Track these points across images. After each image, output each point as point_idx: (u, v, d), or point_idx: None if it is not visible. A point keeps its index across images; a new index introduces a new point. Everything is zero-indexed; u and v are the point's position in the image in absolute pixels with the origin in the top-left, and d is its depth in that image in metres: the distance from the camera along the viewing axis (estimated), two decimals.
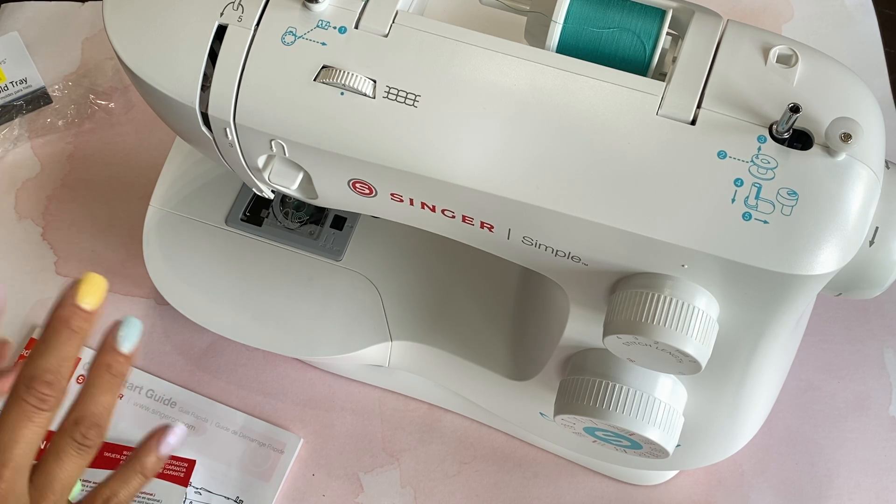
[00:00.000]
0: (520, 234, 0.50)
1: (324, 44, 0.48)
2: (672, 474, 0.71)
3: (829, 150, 0.46)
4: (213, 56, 0.49)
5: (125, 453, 0.70)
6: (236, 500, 0.70)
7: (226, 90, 0.49)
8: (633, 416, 0.54)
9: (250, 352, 0.74)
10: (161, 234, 0.69)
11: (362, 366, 0.71)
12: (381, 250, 0.68)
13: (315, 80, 0.48)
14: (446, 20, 0.49)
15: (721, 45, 0.48)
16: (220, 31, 0.49)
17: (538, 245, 0.50)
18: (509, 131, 0.48)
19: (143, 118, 0.81)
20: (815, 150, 0.46)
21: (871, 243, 0.49)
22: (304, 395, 0.73)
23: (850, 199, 0.46)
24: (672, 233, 0.46)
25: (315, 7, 0.49)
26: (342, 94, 0.48)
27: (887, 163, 0.49)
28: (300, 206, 0.69)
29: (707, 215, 0.46)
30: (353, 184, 0.51)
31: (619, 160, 0.47)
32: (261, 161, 0.53)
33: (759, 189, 0.45)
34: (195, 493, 0.70)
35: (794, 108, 0.45)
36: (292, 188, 0.54)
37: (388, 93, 0.48)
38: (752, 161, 0.46)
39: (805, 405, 0.72)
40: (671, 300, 0.48)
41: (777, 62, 0.48)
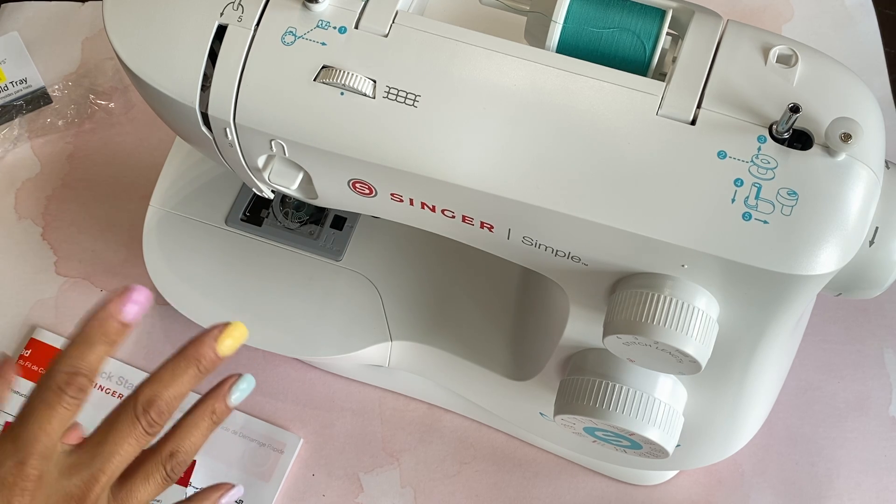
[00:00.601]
0: (520, 234, 0.50)
1: (324, 44, 0.48)
2: (672, 474, 0.71)
3: (829, 150, 0.46)
4: (213, 56, 0.49)
5: None
6: (236, 501, 0.70)
7: (226, 90, 0.49)
8: (633, 416, 0.54)
9: (250, 352, 0.74)
10: (161, 234, 0.69)
11: (362, 366, 0.71)
12: (381, 250, 0.68)
13: (315, 80, 0.48)
14: (446, 20, 0.49)
15: (721, 45, 0.48)
16: (220, 31, 0.49)
17: (538, 245, 0.50)
18: (509, 131, 0.48)
19: (143, 118, 0.81)
20: (815, 150, 0.46)
21: (871, 243, 0.49)
22: (304, 395, 0.73)
23: (850, 199, 0.46)
24: (672, 233, 0.46)
25: (315, 7, 0.49)
26: (342, 94, 0.48)
27: (887, 163, 0.49)
28: (300, 206, 0.69)
29: (707, 215, 0.46)
30: (353, 184, 0.51)
31: (619, 160, 0.47)
32: (261, 161, 0.53)
33: (759, 189, 0.45)
34: (195, 492, 0.69)
35: (794, 108, 0.45)
36: (292, 188, 0.54)
37: (388, 93, 0.48)
38: (752, 161, 0.46)
39: (805, 405, 0.72)
40: (671, 300, 0.48)
41: (777, 62, 0.48)
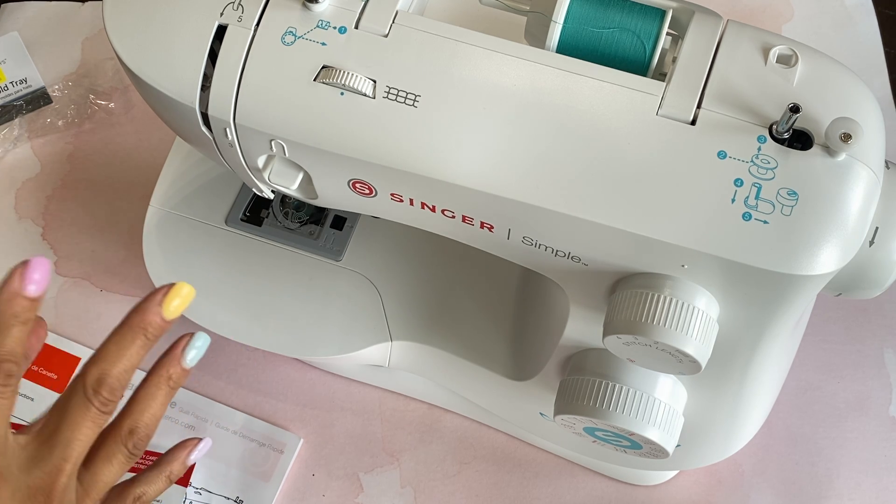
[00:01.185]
0: (520, 234, 0.50)
1: (324, 44, 0.48)
2: (672, 474, 0.71)
3: (829, 150, 0.46)
4: (213, 56, 0.49)
5: None
6: (236, 500, 0.70)
7: (226, 90, 0.49)
8: (633, 416, 0.54)
9: (250, 352, 0.74)
10: (161, 234, 0.69)
11: (362, 366, 0.71)
12: (381, 250, 0.68)
13: (315, 80, 0.48)
14: (446, 20, 0.49)
15: (721, 45, 0.48)
16: (220, 31, 0.49)
17: (538, 245, 0.50)
18: (509, 131, 0.48)
19: (143, 118, 0.81)
20: (815, 150, 0.46)
21: (871, 243, 0.49)
22: (304, 395, 0.73)
23: (850, 199, 0.46)
24: (672, 233, 0.46)
25: (315, 7, 0.49)
26: (342, 94, 0.48)
27: (887, 163, 0.49)
28: (300, 206, 0.69)
29: (707, 215, 0.46)
30: (353, 184, 0.51)
31: (619, 160, 0.47)
32: (261, 161, 0.53)
33: (759, 189, 0.45)
34: (195, 493, 0.70)
35: (794, 108, 0.45)
36: (292, 188, 0.54)
37: (388, 93, 0.48)
38: (752, 161, 0.46)
39: (805, 405, 0.72)
40: (671, 300, 0.48)
41: (777, 62, 0.48)
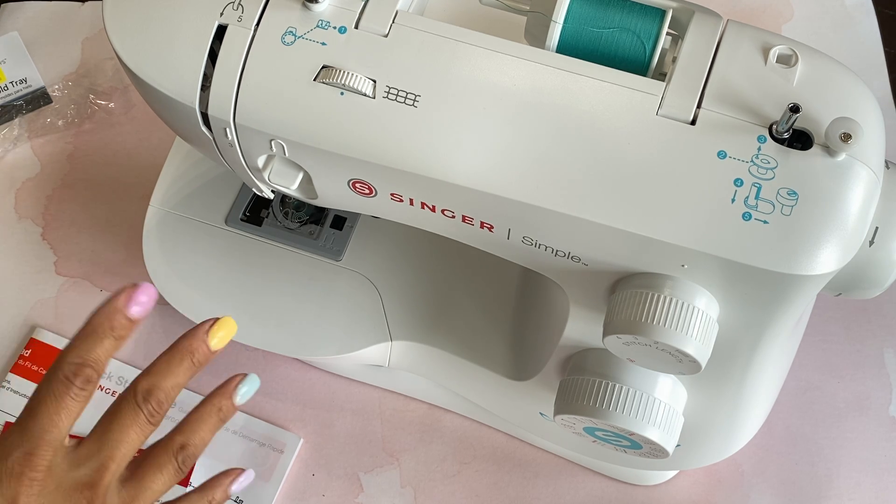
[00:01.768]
0: (520, 234, 0.50)
1: (324, 44, 0.48)
2: (672, 474, 0.71)
3: (829, 150, 0.46)
4: (213, 56, 0.49)
5: None
6: (236, 500, 0.70)
7: (226, 90, 0.49)
8: (633, 416, 0.54)
9: (250, 352, 0.74)
10: (161, 234, 0.69)
11: (362, 366, 0.71)
12: (381, 250, 0.68)
13: (315, 80, 0.48)
14: (446, 20, 0.49)
15: (721, 45, 0.48)
16: (220, 30, 0.49)
17: (538, 245, 0.50)
18: (509, 131, 0.48)
19: (143, 118, 0.81)
20: (815, 150, 0.46)
21: (871, 243, 0.49)
22: (304, 395, 0.73)
23: (850, 199, 0.46)
24: (672, 233, 0.46)
25: (315, 7, 0.49)
26: (342, 94, 0.48)
27: (887, 163, 0.49)
28: (300, 206, 0.69)
29: (707, 215, 0.46)
30: (353, 184, 0.51)
31: (619, 160, 0.47)
32: (261, 161, 0.53)
33: (759, 189, 0.45)
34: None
35: (794, 108, 0.45)
36: (292, 188, 0.54)
37: (388, 93, 0.48)
38: (752, 161, 0.46)
39: (805, 405, 0.72)
40: (671, 300, 0.48)
41: (777, 62, 0.48)
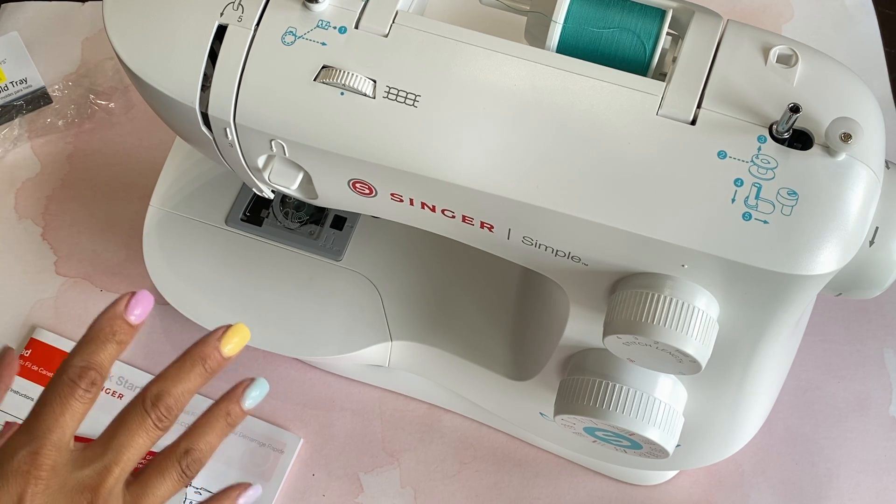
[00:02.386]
0: (520, 234, 0.50)
1: (324, 44, 0.48)
2: (672, 474, 0.71)
3: (829, 150, 0.46)
4: (213, 56, 0.49)
5: None
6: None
7: (226, 90, 0.49)
8: (633, 416, 0.54)
9: (250, 352, 0.74)
10: (161, 234, 0.69)
11: (362, 366, 0.71)
12: (381, 250, 0.68)
13: (315, 80, 0.48)
14: (446, 20, 0.49)
15: (721, 45, 0.48)
16: (220, 31, 0.49)
17: (538, 245, 0.50)
18: (509, 131, 0.48)
19: (143, 118, 0.81)
20: (815, 150, 0.46)
21: (871, 243, 0.49)
22: (304, 395, 0.73)
23: (850, 199, 0.46)
24: (672, 233, 0.46)
25: (315, 7, 0.49)
26: (342, 94, 0.48)
27: (887, 163, 0.49)
28: (300, 206, 0.69)
29: (707, 215, 0.46)
30: (353, 184, 0.51)
31: (620, 160, 0.47)
32: (261, 161, 0.53)
33: (759, 189, 0.45)
34: (195, 493, 0.70)
35: (794, 108, 0.45)
36: (292, 188, 0.54)
37: (388, 93, 0.48)
38: (752, 161, 0.46)
39: (805, 405, 0.72)
40: (671, 300, 0.48)
41: (777, 62, 0.48)
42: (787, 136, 0.46)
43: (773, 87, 0.47)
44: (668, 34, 0.49)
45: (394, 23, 0.49)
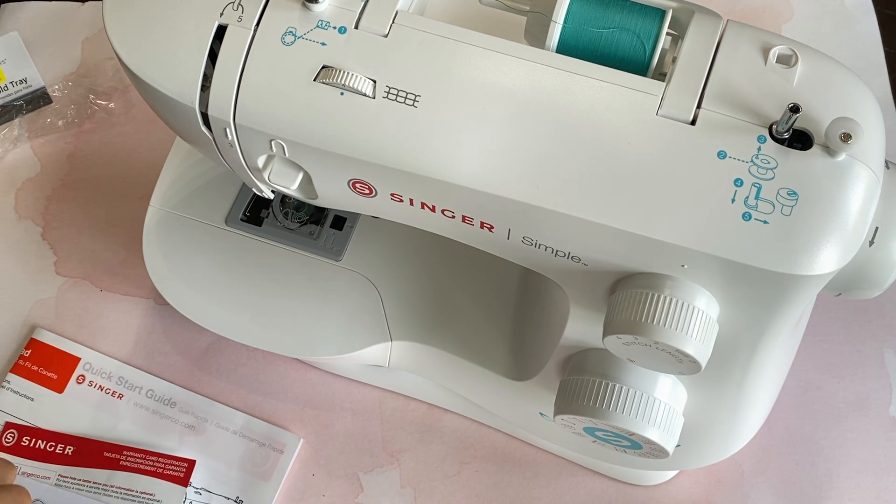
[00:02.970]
0: (520, 234, 0.50)
1: (324, 44, 0.48)
2: (672, 474, 0.71)
3: (829, 150, 0.46)
4: (213, 56, 0.49)
5: (125, 453, 0.70)
6: (236, 500, 0.70)
7: (226, 90, 0.49)
8: (633, 416, 0.54)
9: (250, 352, 0.74)
10: (161, 234, 0.69)
11: (362, 366, 0.71)
12: (381, 250, 0.68)
13: (315, 80, 0.48)
14: (446, 20, 0.49)
15: (721, 46, 0.48)
16: (220, 31, 0.49)
17: (538, 245, 0.50)
18: (509, 131, 0.48)
19: (143, 118, 0.81)
20: (815, 150, 0.46)
21: (871, 243, 0.49)
22: (304, 395, 0.73)
23: (850, 199, 0.46)
24: (672, 233, 0.46)
25: (315, 7, 0.49)
26: (342, 94, 0.48)
27: (887, 163, 0.49)
28: (300, 206, 0.69)
29: (707, 215, 0.46)
30: (353, 184, 0.51)
31: (619, 160, 0.47)
32: (261, 161, 0.53)
33: (759, 189, 0.45)
34: (195, 493, 0.70)
35: (794, 108, 0.45)
36: (292, 188, 0.54)
37: (388, 93, 0.48)
38: (752, 161, 0.46)
39: (805, 405, 0.72)
40: (671, 300, 0.48)
41: (777, 62, 0.48)
42: (787, 136, 0.46)
43: (772, 87, 0.47)
44: (667, 34, 0.49)
45: (394, 23, 0.49)
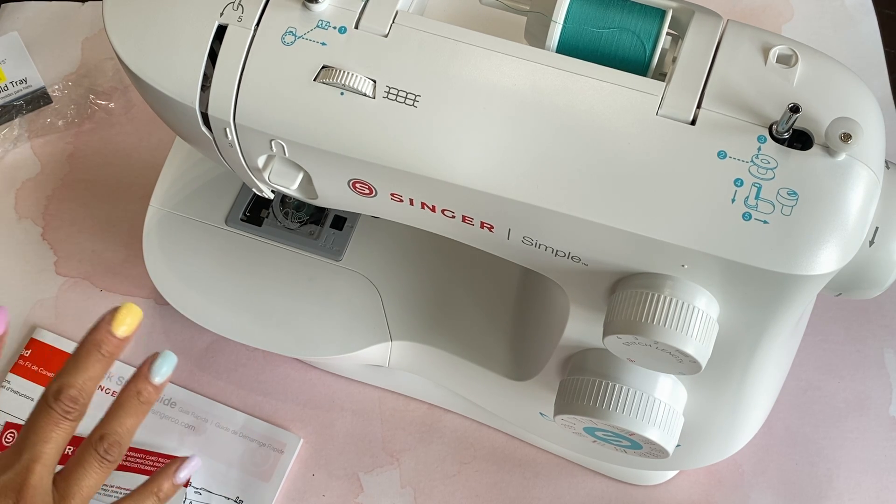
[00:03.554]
0: (520, 234, 0.50)
1: (324, 44, 0.48)
2: (672, 474, 0.71)
3: (829, 150, 0.46)
4: (213, 56, 0.49)
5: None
6: (236, 500, 0.70)
7: (226, 90, 0.49)
8: (633, 416, 0.54)
9: (250, 352, 0.74)
10: (161, 234, 0.69)
11: (362, 366, 0.71)
12: (381, 250, 0.68)
13: (315, 80, 0.48)
14: (446, 20, 0.49)
15: (721, 45, 0.48)
16: (220, 31, 0.49)
17: (538, 245, 0.50)
18: (509, 131, 0.48)
19: (143, 118, 0.81)
20: (815, 150, 0.46)
21: (871, 243, 0.49)
22: (304, 395, 0.73)
23: (850, 199, 0.46)
24: (672, 233, 0.46)
25: (315, 7, 0.49)
26: (342, 94, 0.48)
27: (887, 163, 0.49)
28: (300, 206, 0.69)
29: (707, 215, 0.46)
30: (353, 184, 0.51)
31: (619, 160, 0.47)
32: (261, 161, 0.53)
33: (759, 189, 0.45)
34: (195, 493, 0.70)
35: (794, 108, 0.45)
36: (292, 188, 0.54)
37: (388, 93, 0.48)
38: (752, 161, 0.46)
39: (805, 405, 0.72)
40: (671, 300, 0.48)
41: (777, 62, 0.48)
42: (787, 136, 0.46)
43: (772, 87, 0.47)
44: (667, 34, 0.49)
45: (394, 23, 0.49)
